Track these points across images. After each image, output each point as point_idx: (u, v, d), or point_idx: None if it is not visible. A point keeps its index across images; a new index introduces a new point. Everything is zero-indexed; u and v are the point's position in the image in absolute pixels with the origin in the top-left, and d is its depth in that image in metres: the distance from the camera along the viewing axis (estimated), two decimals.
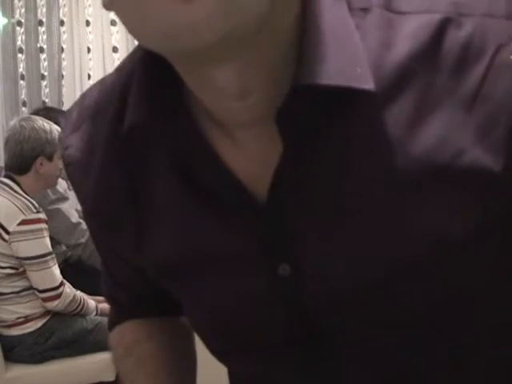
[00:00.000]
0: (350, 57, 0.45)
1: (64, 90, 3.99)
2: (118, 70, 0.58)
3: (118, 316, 0.74)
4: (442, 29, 0.45)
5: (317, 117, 0.46)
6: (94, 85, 0.61)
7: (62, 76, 3.99)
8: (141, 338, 0.70)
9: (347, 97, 0.45)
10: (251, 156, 0.49)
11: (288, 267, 0.51)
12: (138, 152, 0.54)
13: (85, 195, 0.60)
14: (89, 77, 3.95)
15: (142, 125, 0.49)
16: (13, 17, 3.94)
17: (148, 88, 0.49)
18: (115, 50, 3.93)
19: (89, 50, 3.94)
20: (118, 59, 3.92)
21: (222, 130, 0.50)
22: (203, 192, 0.51)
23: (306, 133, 0.47)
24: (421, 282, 0.48)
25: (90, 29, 3.92)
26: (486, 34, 0.45)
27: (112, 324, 0.75)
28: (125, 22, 0.43)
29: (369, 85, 0.44)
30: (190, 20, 0.38)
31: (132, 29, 0.43)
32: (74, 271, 2.66)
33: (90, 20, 3.91)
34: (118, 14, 0.43)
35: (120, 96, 0.54)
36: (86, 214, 0.63)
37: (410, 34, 0.46)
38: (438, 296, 0.49)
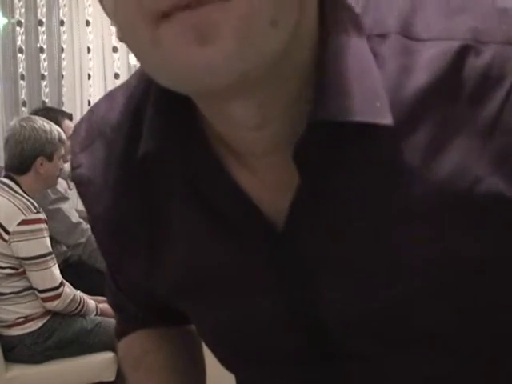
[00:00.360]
0: (370, 90, 0.44)
1: (64, 90, 3.99)
2: (128, 87, 0.57)
3: (125, 325, 0.74)
4: (460, 57, 0.45)
5: (333, 149, 0.46)
6: (102, 100, 0.61)
7: (62, 76, 3.99)
8: (149, 349, 0.70)
9: (364, 130, 0.44)
10: (267, 183, 0.50)
11: (303, 291, 0.51)
12: (152, 176, 0.54)
13: (97, 216, 0.60)
14: (89, 77, 3.95)
15: (156, 153, 0.49)
16: (13, 17, 3.94)
17: (163, 114, 0.49)
18: (115, 50, 3.93)
19: (89, 49, 3.94)
20: (117, 59, 3.93)
21: (238, 157, 0.50)
22: (218, 216, 0.51)
23: (322, 165, 0.47)
24: (435, 305, 0.49)
25: (89, 29, 3.92)
26: (505, 63, 0.44)
27: (120, 334, 0.74)
28: (141, 62, 0.43)
29: (387, 120, 0.44)
30: (207, 62, 0.37)
31: (148, 68, 0.42)
32: (74, 271, 2.66)
33: (90, 20, 3.91)
34: (133, 53, 0.42)
35: (133, 118, 0.54)
36: (97, 234, 0.63)
37: (428, 61, 0.45)
38: (451, 317, 0.49)
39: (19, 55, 3.95)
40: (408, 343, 0.51)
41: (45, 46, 3.98)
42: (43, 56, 3.97)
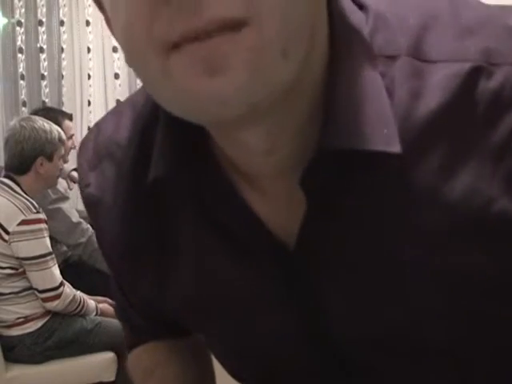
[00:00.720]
0: (378, 117, 0.44)
1: (64, 90, 3.99)
2: (135, 105, 0.57)
3: (134, 338, 0.74)
4: (471, 79, 0.44)
5: (341, 175, 0.46)
6: (109, 118, 0.61)
7: (62, 76, 3.99)
8: (159, 361, 0.71)
9: (373, 157, 0.44)
10: (277, 205, 0.50)
11: (313, 309, 0.51)
12: (162, 198, 0.54)
13: (107, 236, 0.60)
14: (89, 77, 3.95)
15: (167, 177, 0.49)
16: (13, 17, 3.94)
17: (173, 139, 0.49)
18: (115, 50, 3.92)
19: (89, 50, 3.94)
20: (117, 59, 3.92)
21: (248, 179, 0.50)
22: (229, 238, 0.52)
23: (330, 191, 0.47)
24: (443, 322, 0.49)
25: (89, 29, 3.92)
26: None
27: (129, 347, 0.74)
28: (151, 91, 0.42)
29: (395, 147, 0.44)
30: (217, 94, 0.37)
31: (158, 97, 0.42)
32: (74, 271, 2.66)
33: (90, 20, 3.91)
34: (142, 81, 0.42)
35: (142, 139, 0.54)
36: (108, 255, 0.63)
37: (439, 84, 0.45)
38: (460, 331, 0.49)
39: (19, 55, 3.95)
40: (417, 356, 0.51)
41: (45, 46, 3.97)
42: (43, 56, 3.97)
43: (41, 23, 3.96)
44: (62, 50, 3.97)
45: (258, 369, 0.58)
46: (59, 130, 2.49)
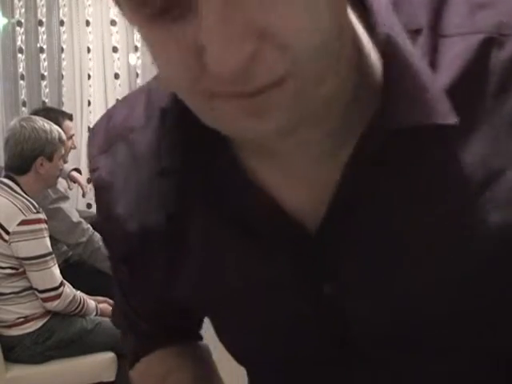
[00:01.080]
0: (433, 91, 0.44)
1: (64, 89, 4.00)
2: (148, 91, 0.57)
3: (139, 346, 0.73)
4: (484, 49, 0.45)
5: (384, 154, 0.46)
6: (119, 105, 0.61)
7: (62, 76, 3.99)
8: (171, 367, 0.70)
9: (419, 133, 0.44)
10: (296, 183, 0.49)
11: (331, 291, 0.51)
12: (175, 188, 0.54)
13: (114, 225, 0.58)
14: (89, 77, 3.95)
15: (175, 168, 0.50)
16: (13, 17, 3.95)
17: (182, 127, 0.49)
18: (115, 50, 3.93)
19: (89, 50, 3.94)
20: (117, 59, 3.93)
21: (264, 156, 0.49)
22: (241, 221, 0.51)
23: (368, 172, 0.47)
24: (464, 315, 0.49)
25: (89, 29, 3.92)
26: None
27: (135, 356, 0.73)
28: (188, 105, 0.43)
29: (452, 119, 0.44)
30: (260, 130, 0.40)
31: (196, 113, 0.43)
32: (74, 271, 2.66)
33: (90, 20, 3.91)
34: (180, 97, 0.43)
35: (158, 125, 0.54)
36: (111, 251, 0.63)
37: (454, 57, 0.46)
38: (475, 330, 0.49)
39: (19, 55, 3.95)
40: (433, 352, 0.51)
41: (45, 46, 3.98)
42: (43, 56, 3.97)
43: (41, 23, 3.96)
44: (62, 50, 3.97)
45: (269, 354, 0.58)
46: (59, 130, 2.49)
